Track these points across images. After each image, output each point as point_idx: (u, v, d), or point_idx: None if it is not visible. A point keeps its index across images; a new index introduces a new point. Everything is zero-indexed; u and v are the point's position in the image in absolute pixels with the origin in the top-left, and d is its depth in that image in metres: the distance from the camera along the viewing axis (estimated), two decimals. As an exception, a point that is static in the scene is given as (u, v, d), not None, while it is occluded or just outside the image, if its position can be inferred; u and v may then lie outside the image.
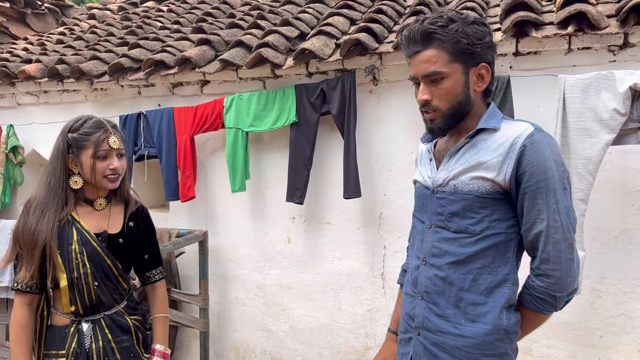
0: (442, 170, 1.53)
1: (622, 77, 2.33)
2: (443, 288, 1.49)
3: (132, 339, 1.97)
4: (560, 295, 1.41)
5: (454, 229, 1.48)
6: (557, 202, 1.38)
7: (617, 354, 2.66)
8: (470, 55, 1.44)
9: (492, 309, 1.44)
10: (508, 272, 1.45)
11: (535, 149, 1.38)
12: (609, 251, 2.66)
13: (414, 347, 1.54)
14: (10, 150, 4.18)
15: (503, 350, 1.45)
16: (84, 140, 1.83)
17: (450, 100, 1.45)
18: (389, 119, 3.12)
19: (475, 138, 1.49)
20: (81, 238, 1.86)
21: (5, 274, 3.85)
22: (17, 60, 4.40)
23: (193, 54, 3.41)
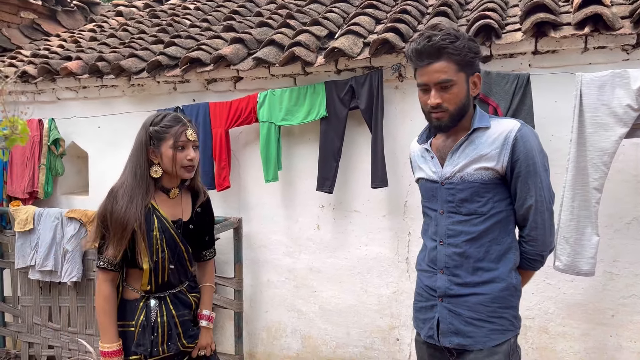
0: (447, 165, 1.84)
1: (635, 75, 2.52)
2: (461, 262, 1.81)
3: (191, 315, 2.21)
4: (545, 253, 1.85)
5: (464, 212, 1.81)
6: (542, 181, 1.77)
7: (628, 332, 2.86)
8: (470, 65, 1.77)
9: (503, 271, 1.80)
10: (511, 241, 1.83)
11: (524, 140, 1.75)
12: (621, 237, 2.85)
13: (439, 311, 1.85)
14: (52, 143, 4.42)
15: (514, 303, 1.82)
16: (164, 133, 2.01)
17: (457, 102, 1.76)
18: (414, 114, 3.31)
19: (472, 136, 1.81)
20: (161, 225, 2.06)
21: (49, 259, 4.11)
22: (56, 57, 4.63)
23: (228, 52, 3.62)
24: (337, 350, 3.60)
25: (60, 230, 4.15)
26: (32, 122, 4.49)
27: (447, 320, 1.82)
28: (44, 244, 4.15)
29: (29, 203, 4.49)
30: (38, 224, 4.18)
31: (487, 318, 1.77)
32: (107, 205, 2.02)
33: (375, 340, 3.48)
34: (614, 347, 2.89)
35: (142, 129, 2.07)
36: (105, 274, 2.04)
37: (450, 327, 1.81)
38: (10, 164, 4.59)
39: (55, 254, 4.13)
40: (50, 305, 4.29)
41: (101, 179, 4.41)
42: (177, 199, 2.16)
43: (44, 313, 4.32)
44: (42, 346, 4.31)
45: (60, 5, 6.34)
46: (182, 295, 2.18)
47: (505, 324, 1.79)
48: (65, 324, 4.24)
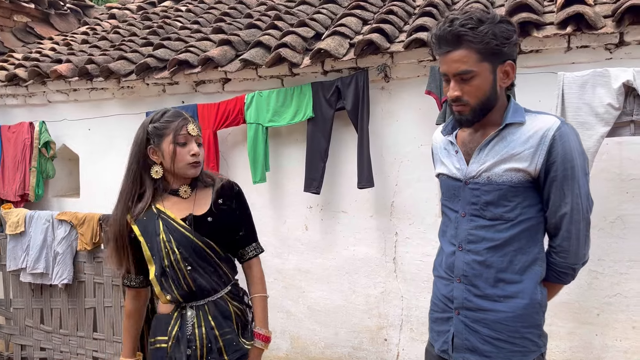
0: (473, 162, 1.65)
1: (616, 74, 2.53)
2: (481, 271, 1.63)
3: (234, 327, 1.93)
4: (577, 266, 1.65)
5: (489, 217, 1.62)
6: (580, 187, 1.57)
7: (613, 330, 2.86)
8: (498, 54, 1.56)
9: (528, 286, 1.61)
10: (538, 252, 1.64)
11: (563, 140, 1.55)
12: (605, 235, 2.86)
13: (455, 325, 1.68)
14: (43, 145, 4.43)
15: (538, 321, 1.65)
16: (164, 129, 1.85)
17: (480, 96, 1.58)
18: (400, 114, 3.32)
19: (504, 131, 1.62)
20: (167, 226, 1.87)
21: (40, 261, 4.12)
22: (47, 60, 4.65)
23: (215, 54, 3.64)
24: (325, 351, 3.60)
25: (51, 233, 4.17)
26: (23, 125, 4.52)
27: (463, 336, 1.66)
28: (35, 247, 4.16)
29: (21, 206, 4.51)
30: (29, 227, 4.20)
31: (507, 338, 1.61)
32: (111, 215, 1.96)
33: (364, 340, 3.48)
34: (600, 346, 2.89)
35: (140, 128, 1.92)
36: (128, 291, 1.99)
37: (466, 344, 1.66)
38: (2, 166, 4.62)
39: (46, 257, 4.15)
40: (42, 308, 4.30)
41: (92, 181, 4.43)
42: (191, 197, 1.93)
43: (36, 315, 4.33)
44: (35, 348, 4.33)
45: (53, 8, 6.35)
46: (222, 303, 1.92)
47: (527, 345, 1.62)
48: (57, 326, 4.25)
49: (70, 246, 4.11)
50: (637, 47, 2.75)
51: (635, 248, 2.79)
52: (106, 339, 4.07)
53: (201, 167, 1.94)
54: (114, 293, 4.03)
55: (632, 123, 2.55)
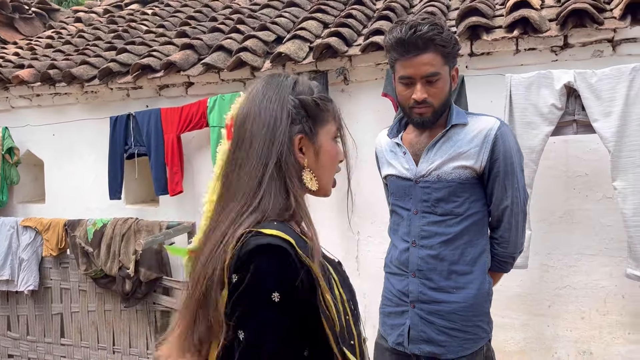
0: (422, 162, 1.74)
1: (558, 75, 2.64)
2: (435, 265, 1.72)
3: None
4: (516, 255, 1.82)
5: (440, 213, 1.72)
6: (518, 182, 1.72)
7: (564, 321, 2.98)
8: (453, 58, 1.69)
9: (477, 276, 1.73)
10: (485, 243, 1.77)
11: (504, 139, 1.69)
12: (554, 230, 2.98)
13: (411, 318, 1.75)
14: (6, 151, 4.40)
15: (486, 309, 1.77)
16: (324, 112, 1.13)
17: (442, 97, 1.68)
18: (359, 116, 3.40)
19: (449, 132, 1.72)
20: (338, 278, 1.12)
21: (5, 268, 4.10)
22: (9, 66, 4.61)
23: (177, 58, 3.67)
24: (292, 349, 3.66)
25: (16, 239, 4.15)
26: (-15, 131, 4.48)
27: (419, 328, 1.73)
28: (0, 254, 4.14)
29: (-15, 212, 4.47)
30: (-7, 234, 4.17)
31: (461, 327, 1.70)
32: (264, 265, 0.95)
33: (328, 337, 3.55)
34: (552, 337, 3.01)
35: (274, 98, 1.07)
36: None
37: (422, 335, 1.72)
38: (-35, 173, 4.56)
39: (11, 263, 4.14)
40: (9, 315, 4.29)
41: (57, 186, 4.42)
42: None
43: (3, 322, 4.32)
44: (2, 355, 4.32)
45: (18, 12, 6.28)
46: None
47: (478, 332, 1.73)
48: (24, 333, 4.25)
49: (35, 252, 4.11)
50: (581, 49, 2.88)
51: (582, 242, 2.92)
52: (74, 345, 4.08)
53: None
54: (80, 298, 4.04)
55: (575, 122, 2.67)
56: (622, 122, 2.49)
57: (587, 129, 2.63)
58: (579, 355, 2.94)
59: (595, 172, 2.84)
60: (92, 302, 3.98)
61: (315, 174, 1.12)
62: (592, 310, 2.92)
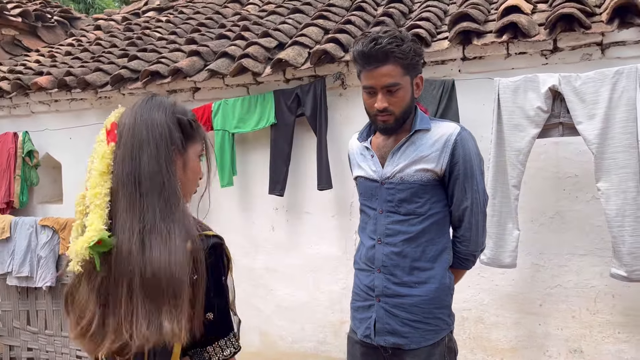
0: (388, 165, 1.84)
1: (544, 79, 2.70)
2: (398, 261, 1.82)
3: None
4: (477, 253, 1.91)
5: (403, 212, 1.82)
6: (477, 184, 1.82)
7: (555, 320, 3.04)
8: (415, 68, 1.77)
9: (438, 272, 1.83)
10: (446, 242, 1.87)
11: (463, 143, 1.78)
12: (545, 230, 3.03)
13: (377, 311, 1.84)
14: (27, 154, 4.63)
15: (448, 302, 1.87)
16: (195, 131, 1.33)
17: (403, 105, 1.76)
18: (358, 119, 3.48)
19: (413, 137, 1.82)
20: None
21: (25, 265, 4.31)
22: (29, 73, 4.85)
23: (184, 64, 3.83)
24: (293, 345, 3.78)
25: (35, 238, 4.35)
26: (7, 135, 4.72)
27: (384, 320, 1.83)
28: (20, 251, 4.35)
29: (7, 212, 4.70)
30: (14, 232, 4.38)
31: (422, 319, 1.80)
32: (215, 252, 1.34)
33: (328, 334, 3.66)
34: (543, 335, 3.06)
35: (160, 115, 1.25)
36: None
37: (387, 327, 1.82)
38: (-11, 175, 4.81)
39: (30, 261, 4.33)
40: (28, 310, 4.49)
41: (74, 187, 4.62)
42: None
43: (23, 317, 4.52)
44: (22, 349, 4.51)
45: (40, 21, 6.54)
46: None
47: (440, 324, 1.83)
48: (43, 327, 4.44)
49: (52, 250, 4.30)
50: (570, 52, 2.93)
51: (572, 242, 2.97)
52: (88, 339, 4.26)
53: None
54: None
55: (561, 125, 2.73)
56: (605, 125, 2.54)
57: (573, 131, 2.69)
58: (570, 353, 2.99)
59: (585, 173, 2.89)
60: (105, 298, 4.16)
61: (181, 182, 1.27)
62: (583, 310, 2.97)
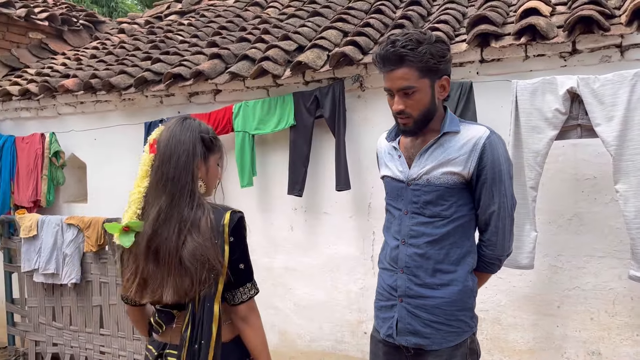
0: (414, 166, 1.85)
1: (562, 81, 2.71)
2: (421, 262, 1.84)
3: None
4: (503, 257, 1.91)
5: (428, 214, 1.83)
6: (505, 189, 1.82)
7: (573, 322, 3.03)
8: (435, 70, 1.75)
9: (461, 274, 1.84)
10: (470, 245, 1.87)
11: (492, 148, 1.78)
12: (563, 232, 3.03)
13: (399, 311, 1.87)
14: (53, 155, 4.77)
15: (470, 305, 1.88)
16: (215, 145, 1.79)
17: (421, 108, 1.77)
18: (375, 120, 3.54)
19: (441, 139, 1.83)
20: None
21: (51, 262, 4.44)
22: (56, 75, 4.99)
23: (206, 67, 3.91)
24: (311, 344, 3.83)
25: (61, 236, 4.48)
26: (35, 136, 4.87)
27: (406, 321, 1.85)
28: (47, 249, 4.48)
29: (34, 211, 4.85)
30: (41, 231, 4.52)
31: (445, 321, 1.81)
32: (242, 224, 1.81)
33: (345, 334, 3.70)
34: (561, 337, 3.06)
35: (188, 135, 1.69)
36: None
37: (409, 327, 1.84)
38: (17, 175, 4.97)
39: (56, 258, 4.46)
40: (54, 306, 4.62)
41: (98, 187, 4.75)
42: None
43: (48, 313, 4.65)
44: (47, 344, 4.65)
45: (66, 25, 6.72)
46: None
47: (462, 326, 1.84)
48: (67, 323, 4.57)
49: (77, 248, 4.43)
50: (589, 54, 2.93)
51: (591, 244, 2.96)
52: (111, 335, 4.37)
53: None
54: (118, 292, 4.32)
55: (579, 127, 2.73)
56: (624, 127, 2.54)
57: (591, 133, 2.69)
58: (588, 355, 2.99)
59: (604, 175, 2.89)
60: (128, 295, 4.27)
61: (205, 183, 1.75)
62: (601, 312, 2.96)
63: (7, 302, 4.68)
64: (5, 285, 4.67)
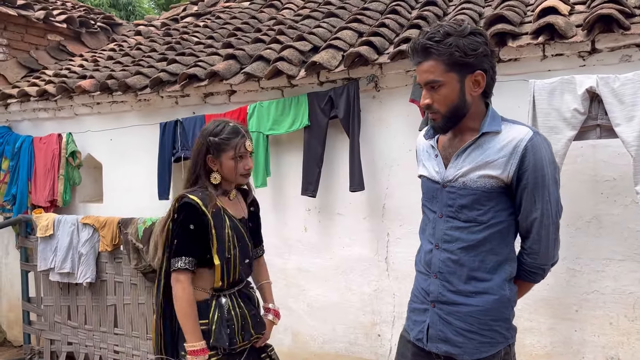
0: (451, 167, 1.76)
1: (581, 80, 2.67)
2: (455, 269, 1.75)
3: (256, 307, 2.35)
4: (546, 267, 1.80)
5: (463, 219, 1.73)
6: (550, 194, 1.69)
7: (592, 326, 2.97)
8: (464, 65, 1.65)
9: (497, 282, 1.73)
10: (509, 252, 1.76)
11: (535, 150, 1.66)
12: (582, 235, 2.97)
13: (431, 317, 1.80)
14: (70, 155, 4.82)
15: (507, 315, 1.77)
16: (225, 145, 2.13)
17: (448, 104, 1.69)
18: (390, 121, 3.52)
19: (480, 139, 1.72)
20: (232, 224, 2.19)
21: (67, 261, 4.48)
22: (74, 77, 5.05)
23: (221, 68, 3.92)
24: (324, 346, 3.81)
25: (77, 235, 4.51)
26: (52, 137, 4.92)
27: (437, 327, 1.78)
28: (62, 248, 4.52)
29: (50, 211, 4.89)
30: (57, 230, 4.55)
31: (478, 330, 1.73)
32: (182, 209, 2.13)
33: (359, 336, 3.67)
34: (579, 341, 3.00)
35: (200, 137, 2.19)
36: (185, 275, 2.10)
37: (440, 334, 1.77)
38: (34, 175, 5.03)
39: (72, 257, 4.49)
40: (69, 305, 4.66)
41: (114, 187, 4.78)
42: (234, 200, 2.30)
43: (64, 312, 4.68)
44: (62, 343, 4.68)
45: (84, 27, 6.80)
46: (246, 290, 2.32)
47: (496, 337, 1.74)
48: (82, 322, 4.60)
49: (93, 247, 4.45)
50: (609, 54, 2.88)
51: (610, 247, 2.90)
52: (125, 334, 4.39)
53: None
54: (132, 291, 4.34)
55: (598, 127, 2.68)
56: (645, 127, 2.49)
57: (611, 133, 2.64)
58: (607, 361, 2.93)
59: (624, 176, 2.83)
60: (142, 295, 4.27)
61: (221, 174, 2.20)
62: (621, 316, 2.90)
63: (24, 300, 4.72)
64: (22, 284, 4.72)
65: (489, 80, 1.73)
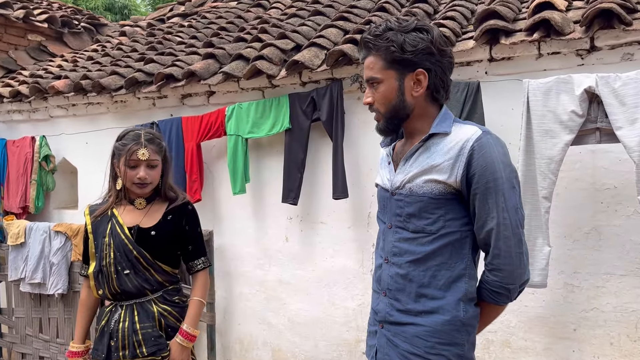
0: (398, 173, 1.61)
1: (579, 80, 2.45)
2: (403, 285, 1.58)
3: (156, 325, 2.18)
4: (512, 286, 1.53)
5: (412, 229, 1.58)
6: (506, 201, 1.48)
7: (591, 346, 2.75)
8: (403, 62, 1.52)
9: (450, 302, 1.54)
10: (464, 268, 1.56)
11: (483, 151, 1.48)
12: (580, 247, 2.76)
13: (379, 339, 1.64)
14: (43, 159, 4.59)
15: (459, 340, 1.55)
16: (120, 150, 2.18)
17: (386, 104, 1.56)
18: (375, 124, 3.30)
19: (428, 142, 1.57)
20: (112, 231, 2.18)
21: (38, 271, 4.24)
22: (49, 77, 4.82)
23: (198, 67, 3.70)
24: (306, 363, 3.58)
25: (48, 244, 4.29)
26: (25, 140, 4.70)
27: (384, 350, 1.62)
28: (34, 257, 4.29)
29: (23, 217, 4.66)
30: (29, 238, 4.33)
31: (423, 354, 1.54)
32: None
33: (342, 353, 3.44)
34: (577, 363, 2.78)
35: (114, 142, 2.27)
36: (84, 280, 2.33)
37: (386, 359, 1.61)
38: (7, 180, 4.80)
39: (43, 267, 4.27)
40: (41, 317, 4.42)
41: (89, 193, 4.52)
42: (145, 209, 2.25)
43: (35, 324, 4.45)
44: (34, 357, 4.44)
45: (67, 27, 6.58)
46: (148, 306, 2.20)
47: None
48: (54, 335, 4.36)
49: (65, 257, 4.22)
50: (609, 52, 2.67)
51: (611, 260, 2.69)
52: (98, 348, 4.15)
53: (150, 188, 2.21)
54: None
55: (598, 130, 2.47)
56: (649, 130, 2.27)
57: (612, 137, 2.43)
58: (608, 384, 2.70)
59: (626, 184, 2.62)
60: (115, 307, 4.05)
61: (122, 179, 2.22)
62: (622, 336, 2.67)
63: (-6, 312, 4.49)
64: (-8, 294, 4.49)
65: (436, 81, 1.56)
